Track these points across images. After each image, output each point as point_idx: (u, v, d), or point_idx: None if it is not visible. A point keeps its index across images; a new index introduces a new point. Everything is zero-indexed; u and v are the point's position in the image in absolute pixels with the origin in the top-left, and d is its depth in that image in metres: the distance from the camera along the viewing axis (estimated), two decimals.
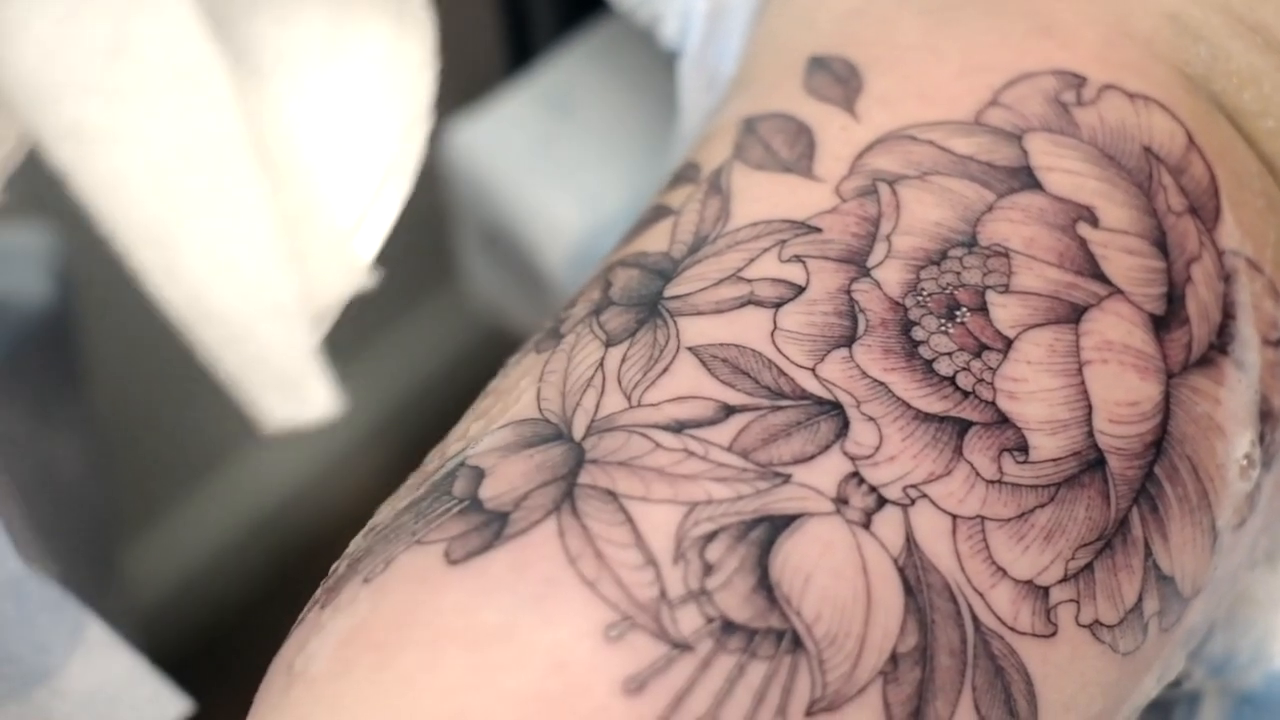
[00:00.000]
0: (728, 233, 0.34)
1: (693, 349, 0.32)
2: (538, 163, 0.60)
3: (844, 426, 0.31)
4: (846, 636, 0.29)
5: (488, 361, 0.40)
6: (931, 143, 0.34)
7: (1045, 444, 0.32)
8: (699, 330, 0.32)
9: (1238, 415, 0.34)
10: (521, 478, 0.30)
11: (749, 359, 0.31)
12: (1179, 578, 0.33)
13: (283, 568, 0.97)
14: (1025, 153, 0.34)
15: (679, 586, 0.29)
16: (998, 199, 0.34)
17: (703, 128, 0.40)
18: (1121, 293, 0.33)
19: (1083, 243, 0.34)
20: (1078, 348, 0.33)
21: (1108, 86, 0.35)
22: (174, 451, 0.92)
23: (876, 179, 0.34)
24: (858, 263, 0.33)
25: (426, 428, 0.40)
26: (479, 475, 0.31)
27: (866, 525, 0.30)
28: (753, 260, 0.33)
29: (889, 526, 0.30)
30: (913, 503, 0.30)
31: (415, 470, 0.34)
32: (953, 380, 0.32)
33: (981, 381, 0.32)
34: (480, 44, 0.74)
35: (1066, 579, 0.31)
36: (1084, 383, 0.32)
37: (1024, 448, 0.32)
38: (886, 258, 0.33)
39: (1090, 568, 0.32)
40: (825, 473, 0.30)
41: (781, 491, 0.30)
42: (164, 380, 0.88)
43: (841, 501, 0.30)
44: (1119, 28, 0.36)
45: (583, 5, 0.65)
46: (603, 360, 0.32)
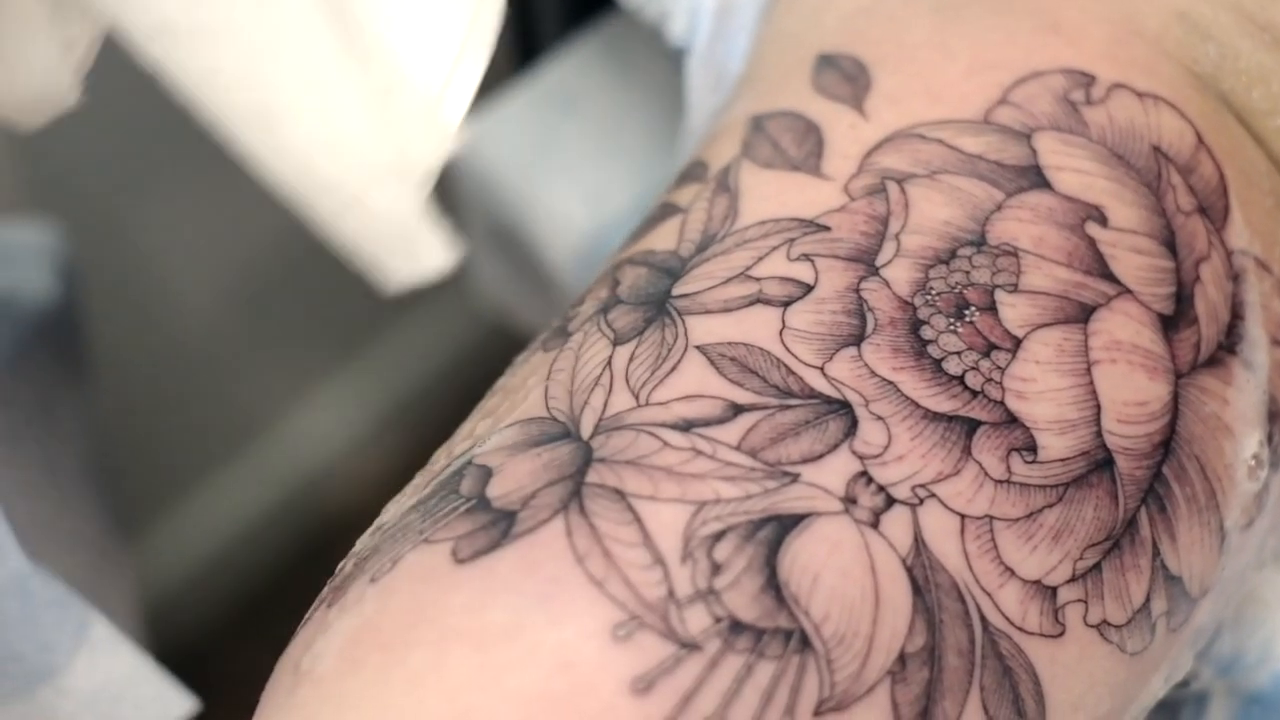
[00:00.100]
0: (736, 231, 0.34)
1: (701, 348, 0.32)
2: (544, 160, 0.60)
3: (852, 426, 0.31)
4: (854, 636, 0.29)
5: (493, 359, 0.40)
6: (940, 141, 0.34)
7: (1054, 444, 0.32)
8: (707, 329, 0.32)
9: (1246, 415, 0.34)
10: (529, 476, 0.30)
11: (757, 358, 0.31)
12: (1187, 578, 0.33)
13: (288, 564, 0.97)
14: (1034, 152, 0.34)
15: (687, 586, 0.29)
16: (1007, 198, 0.34)
17: (710, 126, 0.39)
18: (1130, 292, 0.33)
19: (1092, 242, 0.33)
20: (1086, 347, 0.32)
21: (1117, 85, 0.35)
22: (178, 448, 0.92)
23: (885, 177, 0.34)
24: (866, 261, 0.33)
25: (432, 425, 0.40)
26: (486, 474, 0.31)
27: (875, 525, 0.30)
28: (761, 259, 0.33)
29: (897, 526, 0.30)
30: (921, 502, 0.30)
31: (422, 469, 0.34)
32: (961, 379, 0.32)
33: (990, 381, 0.32)
34: None
35: (1074, 579, 0.31)
36: (1093, 382, 0.32)
37: (1032, 447, 0.31)
38: (895, 256, 0.33)
39: (1098, 568, 0.32)
40: (834, 472, 0.30)
41: (790, 491, 0.30)
42: (169, 377, 0.88)
43: (850, 501, 0.30)
44: (1127, 26, 0.36)
45: (589, 3, 0.65)
46: (611, 359, 0.32)
